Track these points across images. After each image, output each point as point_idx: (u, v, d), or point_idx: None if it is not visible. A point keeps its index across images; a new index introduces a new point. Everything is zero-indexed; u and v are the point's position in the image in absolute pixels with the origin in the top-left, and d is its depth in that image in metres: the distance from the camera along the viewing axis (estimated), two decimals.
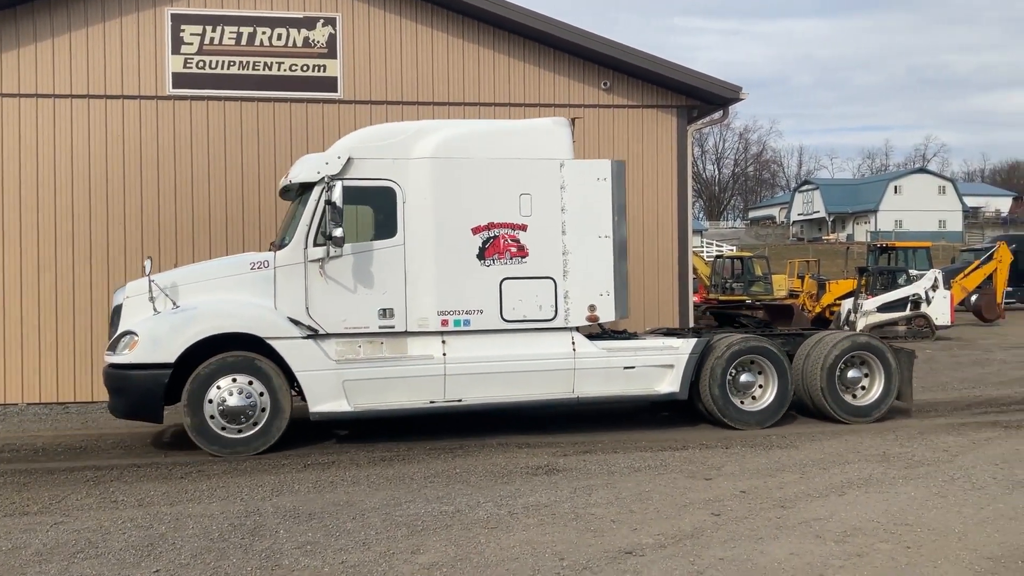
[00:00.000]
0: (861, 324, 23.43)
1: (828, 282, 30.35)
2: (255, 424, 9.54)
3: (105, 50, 13.35)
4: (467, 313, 10.20)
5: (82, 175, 13.25)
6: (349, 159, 9.98)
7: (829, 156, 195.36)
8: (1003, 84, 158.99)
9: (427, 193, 10.13)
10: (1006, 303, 31.64)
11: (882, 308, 24.67)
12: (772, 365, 10.90)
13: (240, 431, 9.51)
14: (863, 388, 11.20)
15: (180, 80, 13.50)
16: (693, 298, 15.92)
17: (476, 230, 10.28)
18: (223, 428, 9.48)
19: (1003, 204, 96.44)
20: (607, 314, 10.68)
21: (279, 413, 9.59)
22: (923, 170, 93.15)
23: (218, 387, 9.47)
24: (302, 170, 10.24)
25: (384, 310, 10.01)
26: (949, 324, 24.79)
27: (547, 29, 14.00)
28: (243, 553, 6.17)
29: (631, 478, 8.24)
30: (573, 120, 11.19)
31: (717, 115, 15.51)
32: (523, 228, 10.39)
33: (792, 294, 31.63)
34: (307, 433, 10.35)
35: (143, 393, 9.44)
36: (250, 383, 9.52)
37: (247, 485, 8.15)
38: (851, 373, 11.11)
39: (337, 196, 9.59)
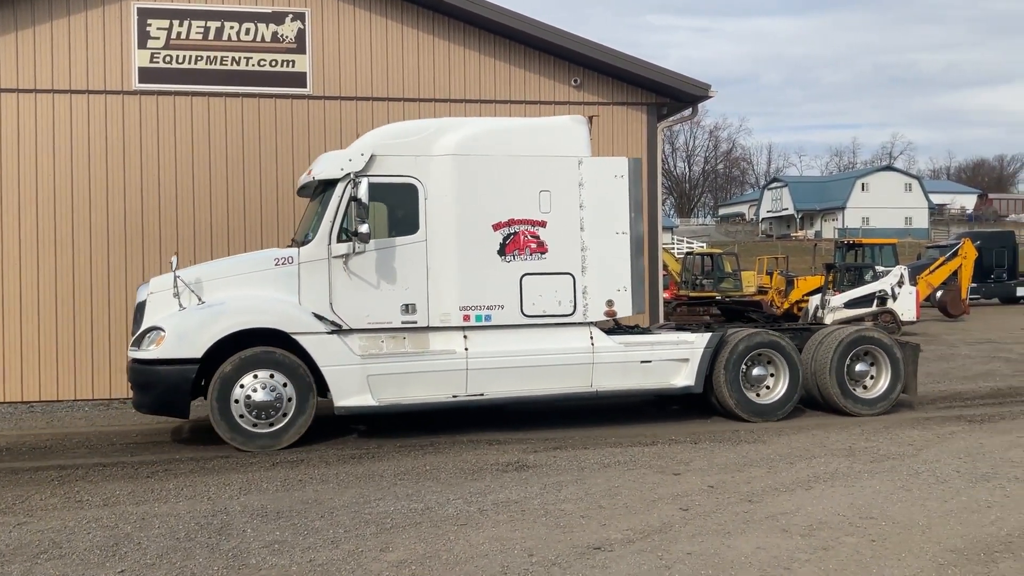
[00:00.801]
0: (828, 320, 23.65)
1: (796, 278, 30.61)
2: (282, 418, 9.63)
3: (70, 44, 13.15)
4: (488, 308, 10.34)
5: (45, 171, 13.05)
6: (372, 156, 10.09)
7: (798, 154, 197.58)
8: (969, 83, 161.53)
9: (449, 190, 10.25)
10: (971, 299, 32.09)
11: (849, 304, 24.92)
12: (783, 359, 11.09)
13: (267, 425, 9.59)
14: (871, 380, 11.46)
15: (146, 75, 13.34)
16: (663, 295, 16.01)
17: (497, 226, 10.41)
18: (249, 422, 9.54)
19: (968, 201, 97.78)
20: (624, 309, 10.86)
21: (305, 408, 9.66)
22: (890, 168, 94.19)
23: (245, 382, 9.54)
24: (325, 167, 10.33)
25: (407, 305, 10.11)
26: (915, 320, 25.10)
27: (517, 26, 13.99)
28: (209, 552, 6.12)
29: (601, 474, 8.27)
30: (590, 118, 11.41)
31: (687, 112, 15.58)
32: (542, 224, 10.53)
33: (761, 290, 31.90)
34: None
35: (170, 388, 9.50)
36: (274, 377, 9.59)
37: (214, 484, 8.09)
38: (859, 366, 11.37)
39: (363, 192, 9.70)
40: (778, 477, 8.04)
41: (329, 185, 10.21)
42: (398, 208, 10.34)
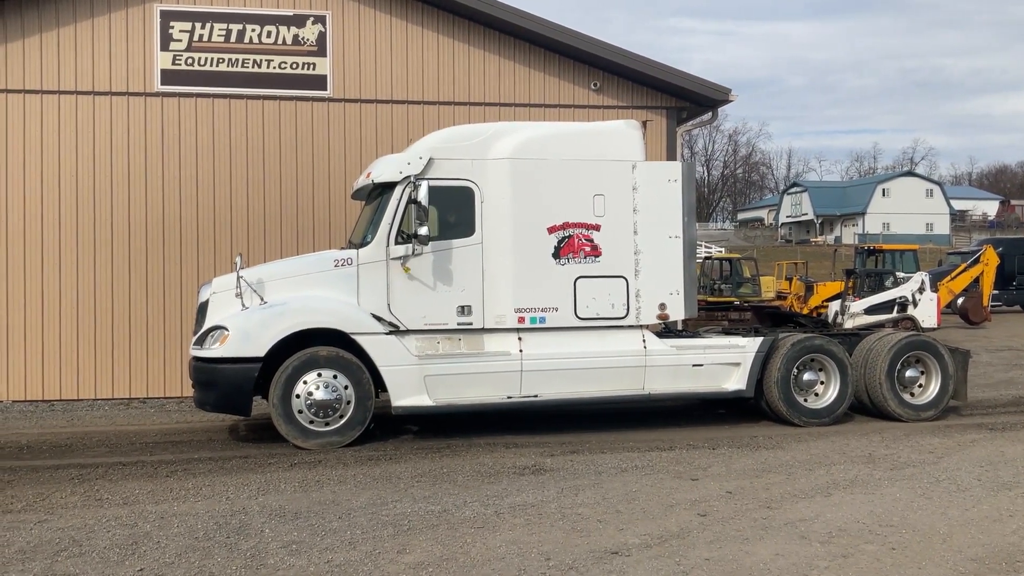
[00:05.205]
0: (848, 326, 23.50)
1: (816, 284, 30.41)
2: (341, 417, 9.75)
3: (93, 46, 13.27)
4: (543, 310, 10.44)
5: (67, 172, 13.16)
6: (430, 159, 10.22)
7: (818, 158, 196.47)
8: (993, 88, 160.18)
9: (505, 193, 10.36)
10: (992, 306, 31.77)
11: (869, 310, 24.70)
12: (834, 364, 11.13)
13: (331, 422, 9.73)
14: (920, 387, 11.48)
15: (169, 77, 13.43)
16: None
17: (552, 229, 10.51)
18: (311, 420, 9.69)
19: (990, 208, 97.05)
20: (677, 312, 10.93)
21: (364, 406, 9.79)
22: (911, 173, 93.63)
23: (306, 381, 9.68)
24: (384, 170, 10.43)
25: (462, 307, 10.24)
26: (935, 326, 24.84)
27: (537, 29, 14.00)
28: (228, 552, 6.15)
29: (618, 478, 8.25)
30: (644, 123, 11.52)
31: (706, 117, 15.53)
32: (596, 228, 10.62)
33: (780, 296, 31.73)
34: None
35: (233, 387, 9.65)
36: (335, 377, 9.73)
37: (233, 484, 8.13)
38: (909, 372, 11.41)
39: (423, 195, 9.82)
40: (797, 483, 8.00)
41: (387, 188, 10.30)
42: (454, 211, 10.43)
